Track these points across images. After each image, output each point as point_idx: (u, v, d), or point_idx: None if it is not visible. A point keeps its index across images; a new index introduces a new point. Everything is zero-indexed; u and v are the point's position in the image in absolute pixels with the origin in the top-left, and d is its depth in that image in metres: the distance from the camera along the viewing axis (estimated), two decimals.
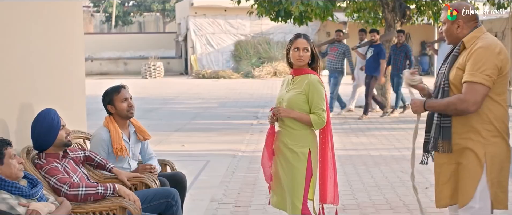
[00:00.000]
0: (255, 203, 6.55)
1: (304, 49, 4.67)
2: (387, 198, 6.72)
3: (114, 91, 5.12)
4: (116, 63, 33.15)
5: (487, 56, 3.79)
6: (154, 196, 4.67)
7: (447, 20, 4.02)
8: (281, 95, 4.80)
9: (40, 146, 4.37)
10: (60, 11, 5.43)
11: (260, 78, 27.45)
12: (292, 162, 4.67)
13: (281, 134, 4.75)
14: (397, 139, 10.56)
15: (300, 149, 4.67)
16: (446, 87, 3.96)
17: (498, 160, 3.90)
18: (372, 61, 13.45)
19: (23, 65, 4.65)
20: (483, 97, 3.79)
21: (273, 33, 29.95)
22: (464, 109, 3.81)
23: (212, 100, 18.29)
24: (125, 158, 5.13)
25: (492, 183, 3.89)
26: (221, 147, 10.06)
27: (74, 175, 4.41)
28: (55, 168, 4.29)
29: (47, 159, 4.36)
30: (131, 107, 5.13)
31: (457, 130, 3.95)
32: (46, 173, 4.27)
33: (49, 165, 4.30)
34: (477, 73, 3.77)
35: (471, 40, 3.93)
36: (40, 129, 4.33)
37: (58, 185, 4.20)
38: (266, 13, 15.24)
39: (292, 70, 4.81)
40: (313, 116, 4.64)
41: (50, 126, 4.32)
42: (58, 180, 4.22)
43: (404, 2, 15.05)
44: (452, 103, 3.85)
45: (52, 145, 4.35)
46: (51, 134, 4.33)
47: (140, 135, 5.29)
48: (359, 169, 8.20)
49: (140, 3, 48.58)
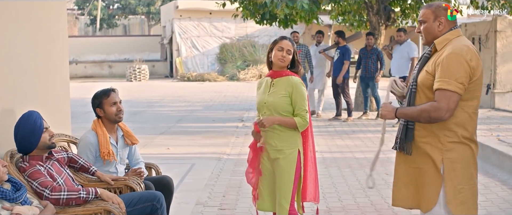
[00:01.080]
0: (240, 206, 6.54)
1: (287, 51, 4.66)
2: (371, 200, 6.74)
3: (104, 94, 5.09)
4: (101, 66, 33.05)
5: (460, 62, 3.72)
6: (139, 199, 4.64)
7: (428, 19, 3.95)
8: (262, 99, 4.76)
9: (23, 148, 4.33)
10: (44, 13, 5.40)
11: (245, 81, 27.47)
12: (282, 164, 4.67)
13: (269, 136, 4.73)
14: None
15: (289, 150, 4.67)
16: (414, 89, 3.93)
17: (459, 166, 3.84)
18: (338, 63, 13.53)
19: (7, 68, 4.62)
20: (456, 105, 3.74)
21: (258, 36, 30.01)
22: (438, 117, 3.75)
23: (197, 103, 18.27)
24: (112, 162, 5.10)
25: (456, 189, 3.83)
26: (206, 150, 10.05)
27: (59, 176, 4.39)
28: (37, 171, 4.25)
29: (30, 161, 4.32)
30: (120, 111, 5.10)
31: (419, 133, 3.92)
32: (29, 176, 4.23)
33: (32, 168, 4.27)
34: (452, 81, 3.71)
35: (442, 42, 3.89)
36: (23, 132, 4.28)
37: (40, 189, 4.17)
38: (251, 16, 15.25)
39: (272, 72, 4.77)
40: (297, 118, 4.64)
41: (33, 128, 4.28)
42: (40, 184, 4.18)
43: (388, 5, 15.13)
44: (426, 111, 3.77)
45: (35, 147, 4.31)
46: (34, 136, 4.29)
47: (128, 139, 5.26)
48: (344, 171, 8.22)
49: (125, 6, 48.40)
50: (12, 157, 4.36)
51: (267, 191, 4.82)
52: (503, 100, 14.81)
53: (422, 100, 3.89)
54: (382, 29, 14.94)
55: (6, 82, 4.58)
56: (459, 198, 3.85)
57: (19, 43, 4.84)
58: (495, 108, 14.70)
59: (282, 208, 4.67)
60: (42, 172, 4.26)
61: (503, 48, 14.74)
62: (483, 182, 7.28)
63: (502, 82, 14.80)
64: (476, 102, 3.86)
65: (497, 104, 14.77)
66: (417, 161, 3.96)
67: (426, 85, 3.87)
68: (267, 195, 4.83)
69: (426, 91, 3.88)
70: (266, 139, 4.75)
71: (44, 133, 4.34)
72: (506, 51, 14.77)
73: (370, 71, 13.40)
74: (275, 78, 4.73)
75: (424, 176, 3.94)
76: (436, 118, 3.76)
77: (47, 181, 4.21)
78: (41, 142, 4.32)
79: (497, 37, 14.72)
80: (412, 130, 3.94)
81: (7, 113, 4.56)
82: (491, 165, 8.37)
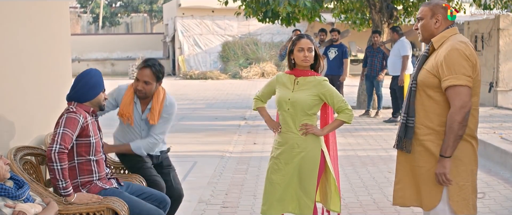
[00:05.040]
0: (243, 204, 6.55)
1: (308, 49, 4.61)
2: (374, 198, 6.74)
3: (138, 68, 5.19)
4: (104, 64, 33.04)
5: (462, 57, 3.75)
6: (150, 195, 4.74)
7: (426, 16, 3.97)
8: (286, 95, 4.66)
9: (77, 97, 4.47)
10: (46, 11, 5.40)
11: (248, 79, 27.45)
12: (306, 164, 4.62)
13: (288, 138, 4.67)
14: (384, 140, 10.59)
15: (312, 151, 4.64)
16: (414, 87, 3.94)
17: (462, 163, 3.86)
18: (337, 61, 13.47)
19: (10, 65, 4.62)
20: (470, 97, 3.76)
21: (261, 34, 29.97)
22: (463, 116, 3.73)
23: (200, 101, 18.27)
24: (133, 128, 5.21)
25: (460, 186, 3.85)
26: (209, 148, 10.05)
27: (94, 136, 4.48)
28: (75, 122, 4.32)
29: (78, 108, 4.43)
30: (139, 90, 5.09)
31: (420, 131, 3.92)
32: (66, 119, 4.30)
33: (74, 114, 4.34)
34: (460, 76, 3.74)
35: (439, 40, 3.91)
36: (85, 82, 4.46)
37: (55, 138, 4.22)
38: (253, 14, 15.25)
39: (295, 71, 4.70)
40: (341, 115, 4.64)
41: (96, 83, 4.49)
42: (62, 134, 4.23)
43: (391, 3, 15.11)
44: (452, 122, 3.74)
45: (89, 100, 4.48)
46: (94, 90, 4.48)
47: (148, 115, 5.19)
48: (347, 170, 8.22)
49: (128, 4, 48.43)
50: (15, 155, 4.37)
51: (276, 196, 4.73)
52: (506, 98, 14.78)
53: (422, 98, 3.91)
54: (385, 27, 14.91)
55: (7, 80, 4.58)
56: (461, 195, 3.87)
57: (21, 41, 4.84)
58: (498, 106, 14.68)
59: (307, 208, 4.65)
60: (76, 127, 4.31)
61: (505, 46, 14.71)
62: (485, 180, 7.27)
63: (505, 80, 14.78)
64: (476, 98, 3.88)
65: (499, 102, 14.75)
66: (418, 159, 3.96)
67: (426, 84, 3.88)
68: (276, 200, 4.73)
69: (426, 90, 3.89)
70: (287, 140, 4.69)
71: (102, 93, 4.54)
72: (509, 49, 14.73)
73: (376, 69, 13.33)
74: (299, 77, 4.68)
75: (426, 174, 3.94)
76: (463, 118, 3.74)
77: (68, 138, 4.25)
78: (97, 98, 4.51)
79: (499, 35, 14.69)
80: (412, 128, 3.95)
81: (9, 111, 4.56)
82: (493, 163, 8.36)
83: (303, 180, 4.66)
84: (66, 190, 4.24)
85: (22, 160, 4.43)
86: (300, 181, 4.67)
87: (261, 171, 8.04)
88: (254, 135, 11.37)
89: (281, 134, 4.72)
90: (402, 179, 4.13)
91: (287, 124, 4.66)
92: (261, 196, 4.91)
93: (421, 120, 3.92)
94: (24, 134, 4.75)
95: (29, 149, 4.62)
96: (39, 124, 5.07)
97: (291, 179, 4.68)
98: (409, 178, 4.07)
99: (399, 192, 4.16)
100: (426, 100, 3.90)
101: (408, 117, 3.96)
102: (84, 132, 4.39)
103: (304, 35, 4.70)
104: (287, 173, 4.68)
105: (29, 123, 4.89)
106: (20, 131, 4.69)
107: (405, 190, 4.11)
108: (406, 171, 4.09)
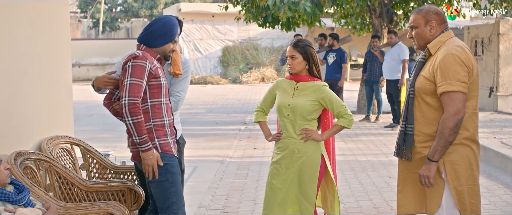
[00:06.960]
0: (243, 209, 6.54)
1: (291, 56, 4.63)
2: (374, 203, 6.73)
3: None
4: (104, 69, 32.96)
5: (457, 62, 3.74)
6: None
7: (419, 24, 3.94)
8: (286, 101, 4.66)
9: (146, 40, 4.28)
10: (46, 16, 5.41)
11: (248, 84, 27.45)
12: (306, 168, 4.62)
13: (289, 143, 4.67)
14: (384, 144, 10.59)
15: (313, 156, 4.64)
16: (412, 94, 3.93)
17: (460, 168, 3.84)
18: (335, 66, 13.46)
19: (10, 70, 4.63)
20: (464, 103, 3.75)
21: (261, 39, 29.99)
22: (456, 123, 3.73)
23: (200, 106, 18.27)
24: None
25: (458, 190, 3.83)
26: (209, 153, 10.05)
27: (163, 78, 4.26)
28: (142, 68, 4.09)
29: (144, 53, 4.21)
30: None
31: (419, 138, 3.92)
32: (132, 67, 4.08)
33: (140, 61, 4.10)
34: (454, 82, 3.73)
35: (436, 45, 3.89)
36: (159, 27, 4.27)
37: (123, 91, 4.02)
38: (253, 19, 15.26)
39: (295, 76, 4.70)
40: (340, 120, 4.64)
41: (170, 31, 4.29)
42: (130, 85, 4.02)
43: (391, 8, 15.13)
44: (444, 128, 3.74)
45: (157, 46, 4.28)
46: (166, 37, 4.28)
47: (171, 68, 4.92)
48: (347, 175, 8.21)
49: (128, 8, 48.45)
50: (15, 160, 4.37)
51: (277, 201, 4.72)
52: (506, 103, 14.78)
53: (420, 105, 3.90)
54: (385, 32, 14.91)
55: (8, 84, 4.59)
56: (465, 199, 3.86)
57: (21, 46, 4.85)
58: (498, 110, 14.68)
59: (308, 212, 4.65)
60: (144, 74, 4.09)
61: (506, 51, 14.71)
62: (486, 185, 7.27)
63: (505, 85, 14.78)
64: (474, 102, 3.87)
65: (500, 107, 14.75)
66: (419, 166, 3.95)
67: (424, 90, 3.87)
68: (277, 205, 4.72)
69: (423, 97, 3.88)
70: (287, 145, 4.69)
71: (172, 43, 4.33)
72: (509, 54, 14.74)
73: (375, 74, 13.32)
74: (299, 82, 4.69)
75: None
76: (455, 124, 3.74)
77: (138, 88, 4.04)
78: (163, 47, 4.30)
79: (500, 40, 14.69)
80: (411, 135, 3.94)
81: (9, 115, 4.57)
82: (494, 168, 8.36)
83: (303, 184, 4.66)
84: (142, 146, 4.06)
85: (22, 164, 4.43)
86: (300, 186, 4.67)
87: (261, 176, 8.04)
88: (254, 140, 11.36)
89: (281, 139, 4.72)
90: (404, 188, 4.11)
91: (287, 130, 4.67)
92: (261, 201, 4.91)
93: (420, 127, 3.91)
94: (24, 138, 4.76)
95: (29, 154, 4.61)
96: (39, 129, 5.07)
97: (291, 183, 4.68)
98: (412, 186, 4.06)
99: (402, 201, 4.14)
100: (425, 107, 3.89)
101: (407, 124, 3.95)
102: (154, 75, 4.18)
103: (293, 42, 4.72)
104: (287, 177, 4.69)
105: (30, 128, 4.89)
106: (20, 136, 4.69)
107: (408, 198, 4.10)
108: (408, 179, 4.08)
